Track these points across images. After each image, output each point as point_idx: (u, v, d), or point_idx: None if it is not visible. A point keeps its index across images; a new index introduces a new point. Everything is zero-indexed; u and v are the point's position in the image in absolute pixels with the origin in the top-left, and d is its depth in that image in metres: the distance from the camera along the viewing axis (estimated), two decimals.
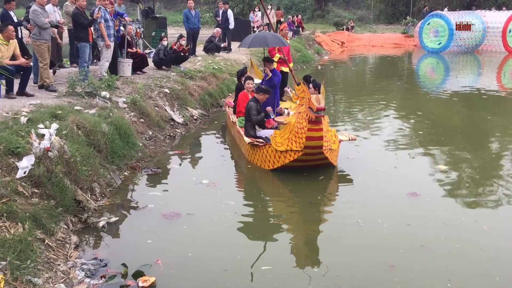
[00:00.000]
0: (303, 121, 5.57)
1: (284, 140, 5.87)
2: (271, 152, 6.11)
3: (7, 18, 8.68)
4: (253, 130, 6.66)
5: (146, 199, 5.36)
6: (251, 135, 6.60)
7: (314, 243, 4.58)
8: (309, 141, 5.62)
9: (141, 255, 4.12)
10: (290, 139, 5.78)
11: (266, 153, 6.21)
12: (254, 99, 6.77)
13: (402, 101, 12.24)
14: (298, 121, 5.66)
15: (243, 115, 7.08)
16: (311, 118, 5.44)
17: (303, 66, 18.36)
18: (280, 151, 5.93)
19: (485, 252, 4.21)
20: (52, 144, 4.76)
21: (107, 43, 8.30)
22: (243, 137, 6.64)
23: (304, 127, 5.56)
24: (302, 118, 5.61)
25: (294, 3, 42.13)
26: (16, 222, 3.87)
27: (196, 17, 13.04)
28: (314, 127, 5.51)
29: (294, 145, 5.75)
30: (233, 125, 7.56)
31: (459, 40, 23.41)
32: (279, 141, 5.96)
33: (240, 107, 7.36)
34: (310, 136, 5.57)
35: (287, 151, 5.88)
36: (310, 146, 5.67)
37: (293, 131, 5.73)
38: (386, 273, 3.88)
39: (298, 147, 5.73)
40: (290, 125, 5.80)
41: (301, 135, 5.62)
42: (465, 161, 6.94)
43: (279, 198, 5.63)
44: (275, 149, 6.00)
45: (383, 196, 5.46)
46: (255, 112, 6.58)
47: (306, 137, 5.58)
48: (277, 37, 8.40)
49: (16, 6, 9.29)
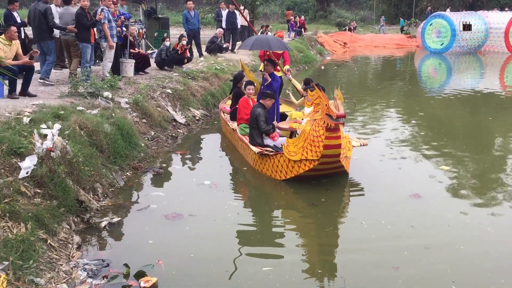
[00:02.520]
0: (320, 128, 5.27)
1: (298, 149, 5.57)
2: (283, 161, 5.80)
3: (11, 19, 8.71)
4: (260, 138, 6.34)
5: (149, 200, 5.36)
6: (258, 144, 6.30)
7: (317, 244, 4.56)
8: (327, 150, 5.31)
9: (143, 255, 4.12)
10: (305, 148, 5.48)
11: (277, 163, 5.89)
12: (261, 105, 6.46)
13: (405, 102, 12.21)
14: (314, 129, 5.36)
15: (244, 122, 6.86)
16: (330, 126, 5.14)
17: (305, 66, 18.36)
18: (294, 160, 5.63)
19: (490, 254, 4.19)
20: (54, 144, 4.75)
21: (111, 44, 8.30)
22: (249, 146, 6.32)
23: (322, 135, 5.26)
24: (318, 125, 5.30)
25: (297, 4, 42.18)
26: (18, 222, 3.86)
27: (195, 18, 13.00)
28: (332, 135, 5.22)
29: (310, 154, 5.44)
30: (233, 132, 7.25)
31: (462, 40, 23.38)
32: (292, 150, 5.66)
33: (242, 114, 7.02)
34: (328, 144, 5.27)
35: (301, 161, 5.56)
36: (327, 154, 5.37)
37: (308, 139, 5.43)
38: (390, 274, 3.86)
39: (314, 156, 5.41)
40: (305, 133, 5.50)
41: (318, 143, 5.32)
42: (467, 162, 6.91)
43: (281, 200, 5.60)
44: (288, 159, 5.69)
45: (386, 197, 5.44)
46: (263, 119, 6.27)
47: (323, 146, 5.27)
48: (280, 41, 7.98)
49: (19, 6, 9.32)
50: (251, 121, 6.41)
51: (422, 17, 30.55)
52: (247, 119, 6.79)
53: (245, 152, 6.72)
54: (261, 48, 8.07)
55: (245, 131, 6.83)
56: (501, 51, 23.57)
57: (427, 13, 29.44)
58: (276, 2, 44.19)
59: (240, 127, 7.03)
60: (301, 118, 6.98)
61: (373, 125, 9.20)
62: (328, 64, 20.21)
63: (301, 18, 25.27)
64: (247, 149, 6.53)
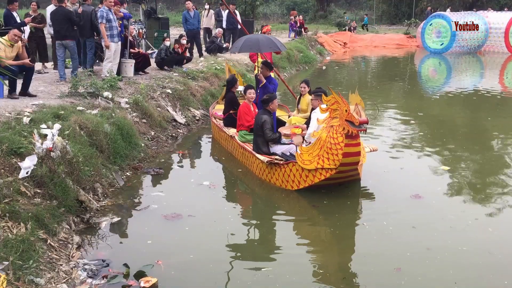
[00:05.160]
0: (339, 135, 4.98)
1: (313, 158, 5.25)
2: (295, 171, 5.48)
3: (10, 19, 8.71)
4: (265, 147, 6.01)
5: (148, 200, 5.35)
6: (263, 152, 5.96)
7: (318, 245, 4.55)
8: (346, 158, 5.02)
9: (143, 255, 4.11)
10: (321, 156, 5.17)
11: (289, 172, 5.56)
12: (266, 112, 6.09)
13: (405, 102, 12.21)
14: (332, 136, 5.05)
15: (245, 129, 6.58)
16: (351, 133, 4.88)
17: (305, 66, 18.35)
18: (308, 169, 5.32)
19: (493, 255, 4.17)
20: (54, 144, 4.74)
21: (106, 44, 8.32)
22: (255, 155, 5.99)
23: (341, 143, 4.96)
24: (336, 132, 5.01)
25: (297, 4, 42.17)
26: (18, 222, 3.85)
27: (195, 18, 12.99)
28: (352, 142, 4.95)
29: (326, 162, 5.13)
30: (232, 139, 6.85)
31: (462, 41, 23.37)
32: (306, 158, 5.33)
33: (242, 120, 6.65)
34: (348, 152, 4.98)
35: (317, 170, 5.25)
36: (346, 163, 5.09)
37: (325, 147, 5.11)
38: (393, 276, 3.85)
39: (331, 165, 5.11)
40: (321, 141, 5.19)
41: (336, 151, 5.02)
42: (468, 162, 6.90)
43: (281, 201, 5.56)
44: (302, 168, 5.39)
45: (387, 198, 5.43)
46: (269, 127, 5.94)
47: (343, 154, 4.97)
48: (271, 41, 7.43)
49: (19, 6, 9.31)
50: (256, 129, 6.06)
51: (422, 17, 30.52)
52: (248, 126, 6.54)
53: (248, 160, 6.38)
54: (250, 50, 7.68)
55: (245, 138, 6.54)
56: (501, 51, 23.56)
57: (427, 13, 29.43)
58: (276, 2, 44.20)
59: (240, 134, 6.68)
60: (300, 122, 6.77)
61: (373, 125, 9.18)
62: (328, 64, 20.21)
63: (300, 18, 25.24)
64: (251, 158, 6.22)
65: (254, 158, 6.06)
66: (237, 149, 6.76)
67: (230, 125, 7.25)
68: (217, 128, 7.63)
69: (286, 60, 16.79)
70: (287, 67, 16.61)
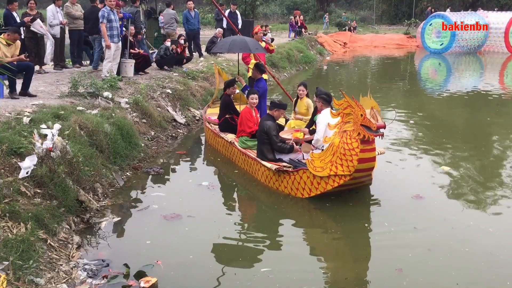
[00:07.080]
0: (353, 141, 4.79)
1: (326, 164, 5.05)
2: (306, 178, 5.28)
3: (10, 19, 8.70)
4: (271, 154, 5.78)
5: (148, 200, 5.34)
6: (269, 159, 5.74)
7: (318, 245, 4.55)
8: (361, 164, 4.85)
9: (143, 255, 4.10)
10: (334, 163, 4.97)
11: (299, 180, 5.36)
12: (271, 118, 5.90)
13: (405, 102, 12.20)
14: (345, 141, 4.86)
15: (246, 134, 6.38)
16: (368, 138, 4.73)
17: (305, 67, 18.34)
18: (320, 176, 5.14)
19: (494, 256, 4.16)
20: (54, 144, 4.73)
21: (107, 43, 8.31)
22: (261, 162, 5.76)
23: (356, 148, 4.78)
24: (351, 138, 4.82)
25: (297, 4, 42.16)
26: (18, 222, 3.85)
27: (196, 18, 12.98)
28: (367, 148, 4.80)
29: (340, 169, 4.94)
30: (231, 146, 6.62)
31: (461, 41, 23.38)
32: (318, 165, 5.13)
33: (244, 126, 6.40)
34: (363, 158, 4.81)
35: (329, 177, 5.06)
36: (361, 169, 4.93)
37: (338, 153, 4.92)
38: (394, 276, 3.84)
39: (345, 171, 4.92)
40: (333, 147, 4.99)
41: (351, 157, 4.83)
42: (468, 162, 6.89)
43: (282, 202, 5.53)
44: (313, 175, 5.19)
45: (389, 199, 5.41)
46: (275, 133, 5.77)
47: (358, 160, 4.79)
48: (256, 43, 7.47)
49: (18, 6, 9.30)
50: (260, 136, 5.83)
51: (422, 17, 30.53)
52: (250, 132, 6.36)
53: (251, 167, 6.15)
54: (240, 50, 7.53)
55: (247, 144, 6.34)
56: (501, 51, 23.57)
57: (427, 13, 29.44)
58: (276, 2, 44.21)
59: (241, 140, 6.44)
60: (300, 126, 6.65)
61: None
62: (328, 64, 20.20)
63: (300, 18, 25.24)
64: (255, 165, 5.99)
65: (259, 165, 5.85)
66: (237, 156, 6.53)
67: (226, 130, 7.00)
68: (213, 134, 7.29)
69: (286, 60, 16.79)
70: (287, 67, 16.60)
